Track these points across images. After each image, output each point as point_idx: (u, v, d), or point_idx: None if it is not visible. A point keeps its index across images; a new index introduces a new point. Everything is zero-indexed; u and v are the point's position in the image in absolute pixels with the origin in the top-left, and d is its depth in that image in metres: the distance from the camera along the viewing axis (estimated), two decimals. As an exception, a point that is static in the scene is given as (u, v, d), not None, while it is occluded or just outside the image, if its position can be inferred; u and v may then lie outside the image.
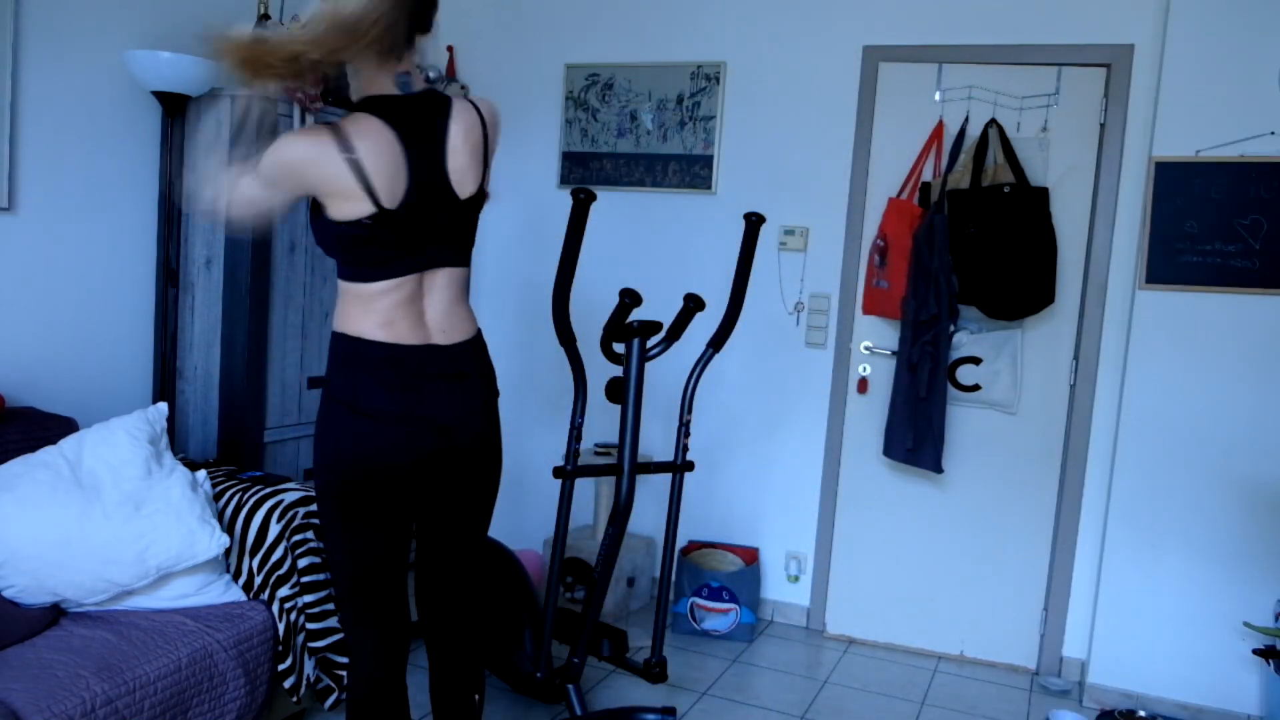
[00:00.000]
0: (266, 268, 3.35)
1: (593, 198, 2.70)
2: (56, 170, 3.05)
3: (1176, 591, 3.33)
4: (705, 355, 3.02)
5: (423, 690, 3.07)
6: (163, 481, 2.54)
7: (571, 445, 2.82)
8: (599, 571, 2.92)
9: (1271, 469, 3.21)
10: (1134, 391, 3.35)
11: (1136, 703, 3.36)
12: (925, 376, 3.54)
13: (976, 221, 3.49)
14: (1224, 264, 3.22)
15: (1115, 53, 3.45)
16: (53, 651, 2.22)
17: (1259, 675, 3.24)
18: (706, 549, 4.02)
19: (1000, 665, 3.73)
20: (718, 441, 4.09)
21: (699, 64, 3.99)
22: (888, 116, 3.76)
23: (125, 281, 3.30)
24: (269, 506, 2.67)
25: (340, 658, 2.76)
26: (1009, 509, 3.70)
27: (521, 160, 4.31)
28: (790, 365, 3.95)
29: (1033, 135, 3.58)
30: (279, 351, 3.45)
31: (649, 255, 4.12)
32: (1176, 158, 3.26)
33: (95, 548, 2.39)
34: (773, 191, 3.92)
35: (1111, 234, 3.48)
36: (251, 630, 2.50)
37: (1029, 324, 3.62)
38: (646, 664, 3.06)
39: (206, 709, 2.35)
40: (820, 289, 3.88)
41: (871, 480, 3.87)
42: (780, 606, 4.03)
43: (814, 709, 3.25)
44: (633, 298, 2.78)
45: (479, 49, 4.37)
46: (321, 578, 2.72)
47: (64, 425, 2.80)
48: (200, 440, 3.39)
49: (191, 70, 3.06)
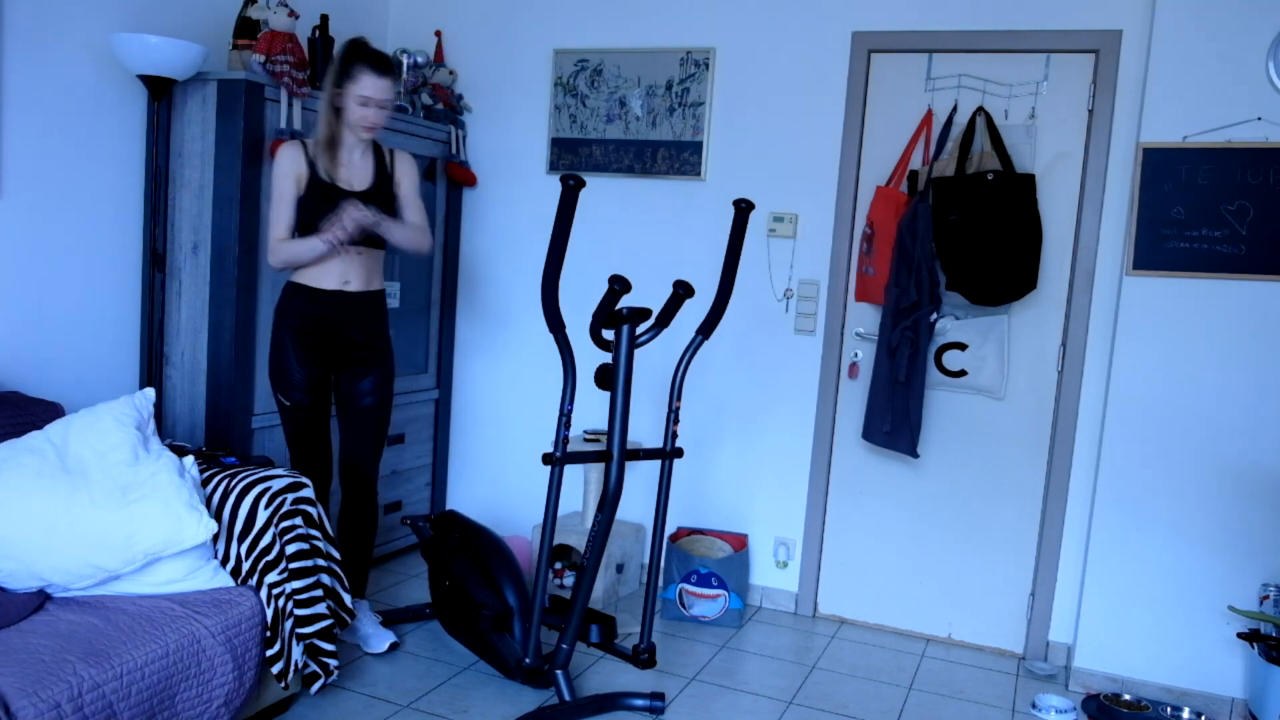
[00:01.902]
0: (254, 253, 3.33)
1: (582, 184, 2.70)
2: (41, 155, 3.03)
3: (1162, 576, 3.35)
4: (694, 342, 3.02)
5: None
6: (150, 466, 2.53)
7: (560, 432, 2.81)
8: (588, 558, 2.93)
9: (1257, 454, 3.23)
10: (1121, 377, 3.37)
11: (1122, 686, 3.39)
12: (904, 361, 3.55)
13: (960, 208, 3.49)
14: (1211, 250, 3.23)
15: (1103, 39, 3.45)
16: (39, 637, 2.22)
17: (1243, 658, 3.27)
18: (695, 535, 4.03)
19: (987, 649, 3.76)
20: (707, 428, 4.09)
21: (688, 50, 3.98)
22: (877, 103, 3.76)
23: (111, 266, 3.29)
24: (257, 492, 2.67)
25: (328, 644, 2.76)
26: (997, 494, 3.72)
27: (510, 146, 4.30)
28: (779, 352, 3.95)
29: (1021, 122, 3.58)
30: (266, 337, 3.43)
31: (638, 242, 4.11)
32: (1164, 144, 3.27)
33: (82, 533, 2.39)
34: (762, 178, 3.92)
35: (1099, 220, 3.49)
36: (239, 616, 2.50)
37: (1016, 310, 3.63)
38: (635, 650, 3.07)
39: (194, 694, 2.35)
40: (809, 275, 3.88)
41: (861, 465, 3.88)
42: (769, 592, 4.04)
43: (802, 693, 3.27)
44: (622, 284, 2.78)
45: (467, 34, 4.35)
46: (310, 564, 2.72)
47: (50, 410, 2.79)
48: (187, 426, 3.38)
49: (178, 54, 3.04)
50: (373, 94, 3.00)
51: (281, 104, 3.31)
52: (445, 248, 4.31)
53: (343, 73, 3.00)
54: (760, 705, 3.16)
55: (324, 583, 2.80)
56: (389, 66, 3.05)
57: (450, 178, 4.26)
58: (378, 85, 3.01)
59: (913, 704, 3.25)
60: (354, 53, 3.02)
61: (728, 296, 2.99)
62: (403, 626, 3.56)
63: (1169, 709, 3.23)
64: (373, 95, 3.00)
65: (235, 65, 3.35)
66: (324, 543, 2.81)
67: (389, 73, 3.04)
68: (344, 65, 3.00)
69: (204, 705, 2.38)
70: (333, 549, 2.84)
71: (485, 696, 3.07)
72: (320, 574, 2.77)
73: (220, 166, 3.25)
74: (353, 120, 3.03)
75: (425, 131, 4.09)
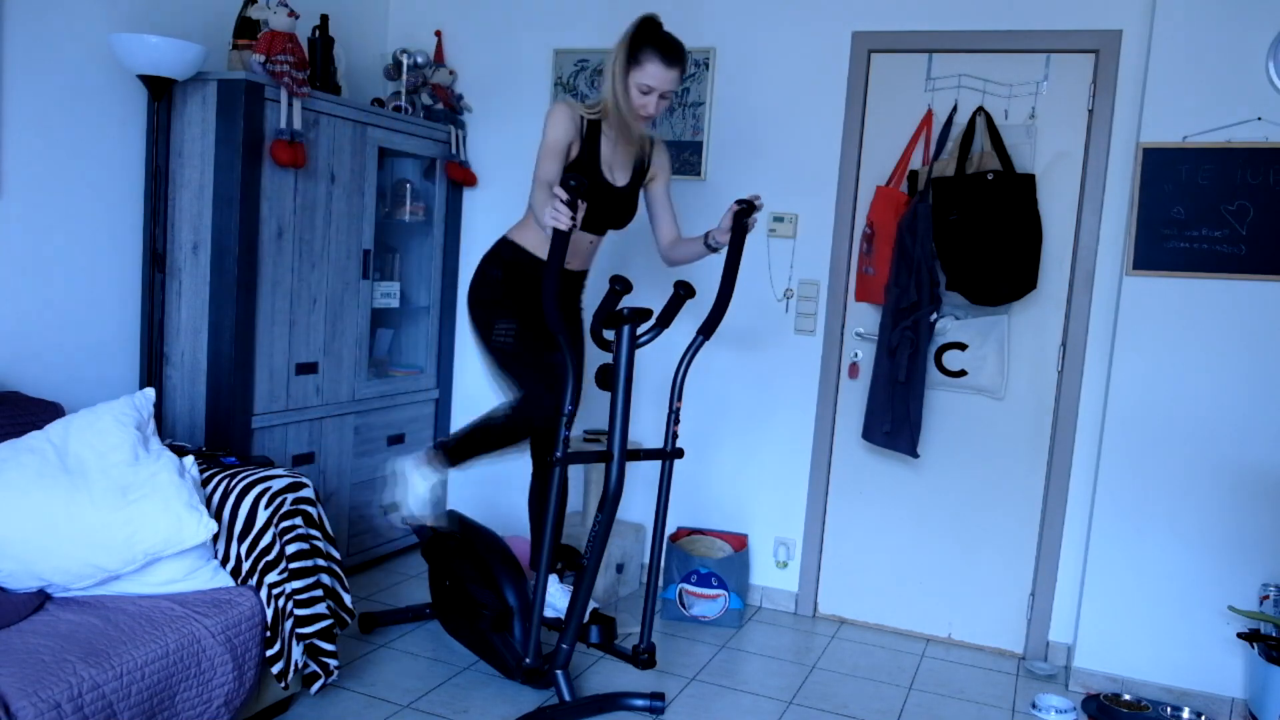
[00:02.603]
0: (254, 253, 3.33)
1: (585, 185, 2.69)
2: (41, 155, 3.03)
3: (1162, 576, 3.35)
4: (696, 342, 3.02)
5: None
6: (150, 466, 2.53)
7: (562, 432, 2.81)
8: (589, 558, 2.92)
9: (1257, 454, 3.23)
10: (1121, 377, 3.37)
11: (1122, 686, 3.39)
12: (904, 361, 3.55)
13: (960, 208, 3.49)
14: (1211, 250, 3.23)
15: (1103, 39, 3.45)
16: (39, 637, 2.21)
17: (1243, 658, 3.27)
18: (695, 535, 4.03)
19: (987, 649, 3.76)
20: (707, 428, 4.09)
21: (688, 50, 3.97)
22: (877, 103, 3.76)
23: (112, 266, 3.29)
24: (257, 492, 2.66)
25: (328, 644, 2.76)
26: (997, 494, 3.72)
27: (510, 146, 4.30)
28: (779, 351, 3.95)
29: (1021, 122, 3.58)
30: (266, 337, 3.43)
31: (638, 242, 4.11)
32: (1164, 144, 3.27)
33: (82, 533, 2.38)
34: (762, 178, 3.92)
35: (1099, 220, 3.49)
36: (239, 616, 2.50)
37: (1016, 310, 3.63)
38: (635, 650, 3.07)
39: (194, 694, 2.35)
40: (809, 275, 3.88)
41: (861, 465, 3.88)
42: (769, 592, 4.04)
43: (802, 693, 3.27)
44: (623, 284, 2.78)
45: (467, 34, 4.35)
46: (310, 564, 2.72)
47: (50, 410, 2.79)
48: (187, 426, 3.38)
49: (178, 54, 3.04)
50: (658, 84, 2.88)
51: (281, 104, 3.31)
52: (445, 247, 4.30)
53: (630, 55, 2.87)
54: (760, 705, 3.16)
55: (324, 583, 2.79)
56: (681, 55, 2.91)
57: (450, 178, 4.26)
58: (665, 76, 2.87)
59: (913, 704, 3.25)
60: (645, 34, 2.88)
61: (729, 297, 2.99)
62: (403, 626, 3.56)
63: (1169, 709, 3.23)
64: (657, 86, 2.88)
65: (235, 65, 3.35)
66: (324, 542, 2.81)
67: (679, 62, 2.90)
68: (633, 47, 2.87)
69: (204, 705, 2.38)
70: (333, 549, 2.84)
71: (485, 696, 3.07)
72: (320, 574, 2.77)
73: (220, 166, 3.25)
74: (630, 106, 2.91)
75: (425, 131, 4.09)
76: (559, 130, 2.93)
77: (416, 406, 4.27)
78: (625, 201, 3.11)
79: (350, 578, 3.96)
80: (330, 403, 3.76)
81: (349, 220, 3.75)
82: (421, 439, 4.31)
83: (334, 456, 3.81)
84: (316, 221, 3.59)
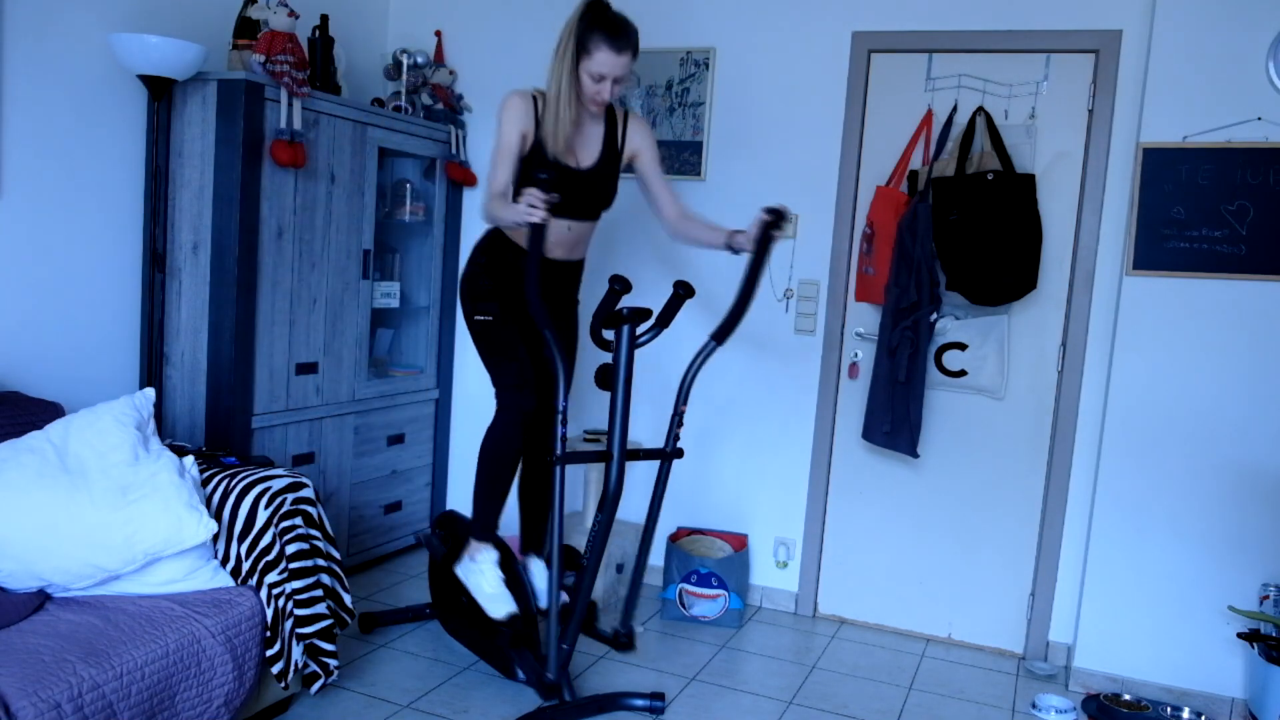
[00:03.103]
0: (254, 253, 3.33)
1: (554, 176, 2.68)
2: (41, 155, 3.03)
3: (1162, 576, 3.35)
4: (707, 347, 2.99)
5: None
6: (150, 466, 2.53)
7: (558, 431, 2.81)
8: (588, 558, 2.92)
9: (1257, 453, 3.23)
10: (1121, 376, 3.37)
11: (1122, 686, 3.39)
12: (904, 361, 3.55)
13: (960, 208, 3.49)
14: (1211, 250, 3.23)
15: (1103, 39, 3.45)
16: (39, 637, 2.21)
17: (1243, 658, 3.27)
18: (695, 535, 4.03)
19: (987, 649, 3.76)
20: (706, 428, 4.09)
21: (689, 50, 3.98)
22: (877, 103, 3.76)
23: (111, 266, 3.29)
24: (257, 492, 2.66)
25: (328, 644, 2.76)
26: (997, 494, 3.72)
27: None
28: (779, 352, 3.95)
29: (1021, 122, 3.58)
30: (266, 337, 3.43)
31: (639, 241, 4.11)
32: (1164, 144, 3.27)
33: (82, 533, 2.38)
34: (762, 178, 3.92)
35: (1099, 220, 3.49)
36: (239, 616, 2.50)
37: (1016, 310, 3.63)
38: (615, 634, 3.07)
39: (194, 694, 2.35)
40: (809, 275, 3.88)
41: (861, 465, 3.88)
42: (769, 592, 4.04)
43: (802, 693, 3.27)
44: (622, 284, 2.78)
45: (467, 34, 4.35)
46: (310, 564, 2.72)
47: (50, 410, 2.79)
48: (187, 426, 3.38)
49: (177, 54, 3.04)
50: (609, 72, 2.79)
51: (281, 104, 3.31)
52: (445, 247, 4.30)
53: (578, 42, 2.78)
54: (760, 705, 3.16)
55: (324, 583, 2.79)
56: (630, 38, 2.80)
57: (450, 178, 4.26)
58: (615, 63, 2.78)
59: (913, 704, 3.25)
60: (592, 19, 2.77)
61: (746, 306, 2.91)
62: (403, 626, 3.56)
63: (1169, 709, 3.23)
64: (609, 73, 2.79)
65: (235, 65, 3.35)
66: (324, 542, 2.81)
67: (630, 46, 2.80)
68: (580, 34, 2.77)
69: (204, 705, 2.38)
70: (333, 549, 2.84)
71: (485, 696, 3.07)
72: (320, 574, 2.77)
73: (220, 166, 3.25)
74: (584, 95, 2.84)
75: (425, 131, 4.09)
76: (512, 125, 2.85)
77: (416, 406, 4.27)
78: (594, 183, 2.98)
79: (350, 578, 3.97)
80: (330, 403, 3.76)
81: (349, 220, 3.75)
82: (422, 438, 4.31)
83: (334, 456, 3.81)
84: (316, 221, 3.59)
